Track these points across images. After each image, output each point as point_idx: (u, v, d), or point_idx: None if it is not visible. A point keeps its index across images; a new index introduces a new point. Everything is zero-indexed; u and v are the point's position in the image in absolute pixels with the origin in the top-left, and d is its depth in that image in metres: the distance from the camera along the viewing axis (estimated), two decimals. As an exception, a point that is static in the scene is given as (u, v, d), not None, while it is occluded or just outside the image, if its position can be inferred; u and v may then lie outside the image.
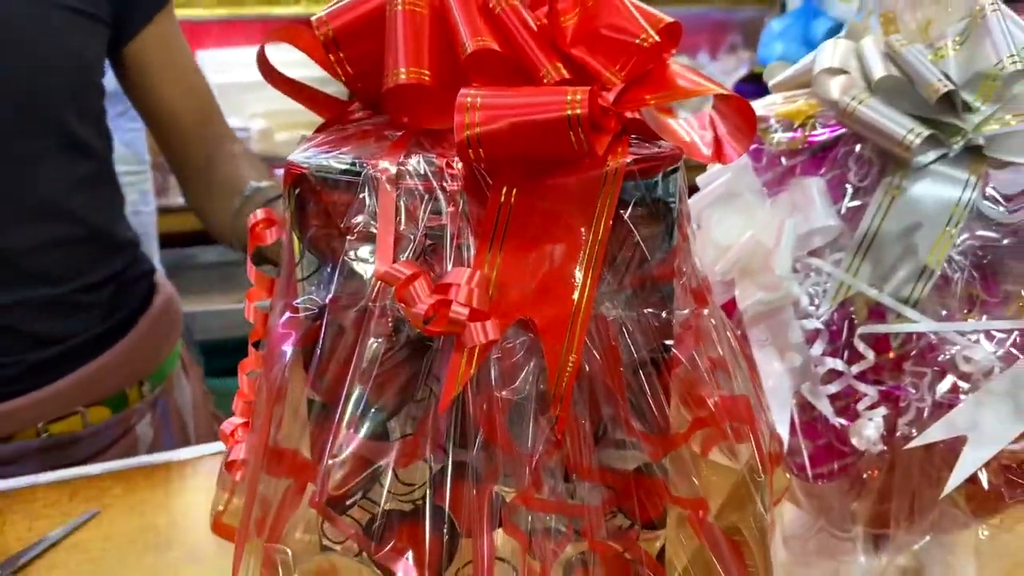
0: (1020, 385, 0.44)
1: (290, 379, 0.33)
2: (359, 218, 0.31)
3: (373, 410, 0.31)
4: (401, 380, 0.32)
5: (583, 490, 0.32)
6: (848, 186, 0.47)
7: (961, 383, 0.45)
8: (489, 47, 0.31)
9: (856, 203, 0.47)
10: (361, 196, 0.31)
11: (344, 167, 0.32)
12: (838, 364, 0.46)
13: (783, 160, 0.48)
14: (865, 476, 0.48)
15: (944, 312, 0.46)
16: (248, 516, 0.33)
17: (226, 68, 1.94)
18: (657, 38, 0.32)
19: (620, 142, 0.31)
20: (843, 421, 0.47)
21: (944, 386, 0.46)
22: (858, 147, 0.47)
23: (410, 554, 0.31)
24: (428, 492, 0.32)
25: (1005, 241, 0.46)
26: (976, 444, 0.44)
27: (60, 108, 0.75)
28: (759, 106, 0.51)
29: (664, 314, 0.32)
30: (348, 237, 0.31)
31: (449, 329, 0.29)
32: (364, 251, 0.31)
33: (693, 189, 0.50)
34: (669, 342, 0.33)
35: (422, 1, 0.33)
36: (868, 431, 0.45)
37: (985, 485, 0.45)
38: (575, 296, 0.30)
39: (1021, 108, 0.46)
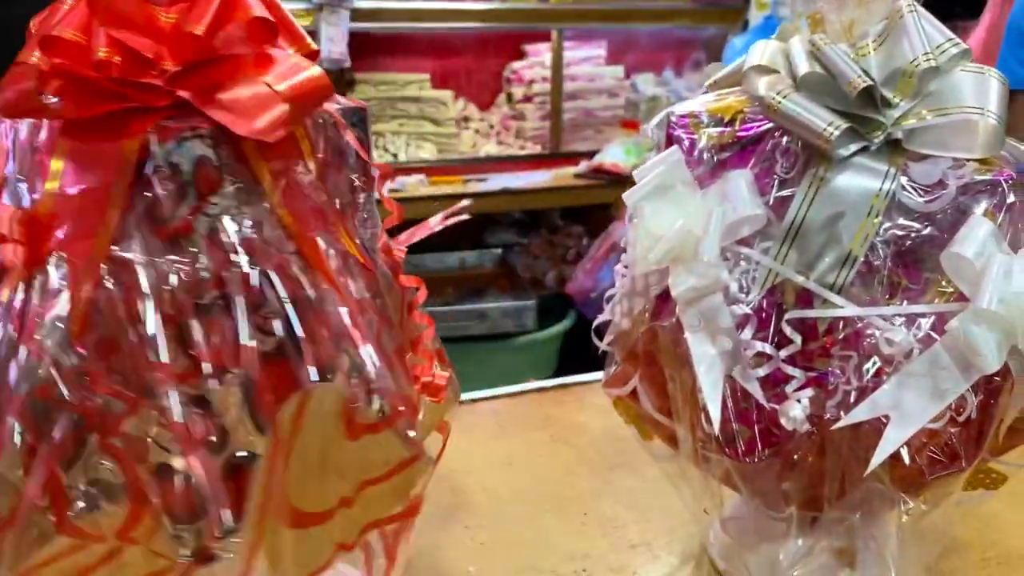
0: (938, 366, 0.46)
1: None
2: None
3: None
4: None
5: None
6: (775, 178, 0.49)
7: (884, 366, 0.47)
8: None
9: (783, 194, 0.49)
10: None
11: None
12: (767, 348, 0.48)
13: (714, 154, 0.50)
14: (796, 457, 0.50)
15: (868, 298, 0.48)
16: None
17: None
18: (200, 31, 0.38)
19: (157, 115, 0.38)
20: (774, 406, 0.49)
21: (869, 369, 0.48)
22: (784, 140, 0.49)
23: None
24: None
25: (924, 231, 0.48)
26: (898, 423, 0.46)
27: None
28: (694, 104, 0.53)
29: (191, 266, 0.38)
30: None
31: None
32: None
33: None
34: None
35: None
36: (795, 412, 0.47)
37: (907, 461, 0.47)
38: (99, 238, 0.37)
39: (937, 104, 0.48)
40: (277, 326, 0.39)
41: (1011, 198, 0.47)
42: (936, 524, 0.56)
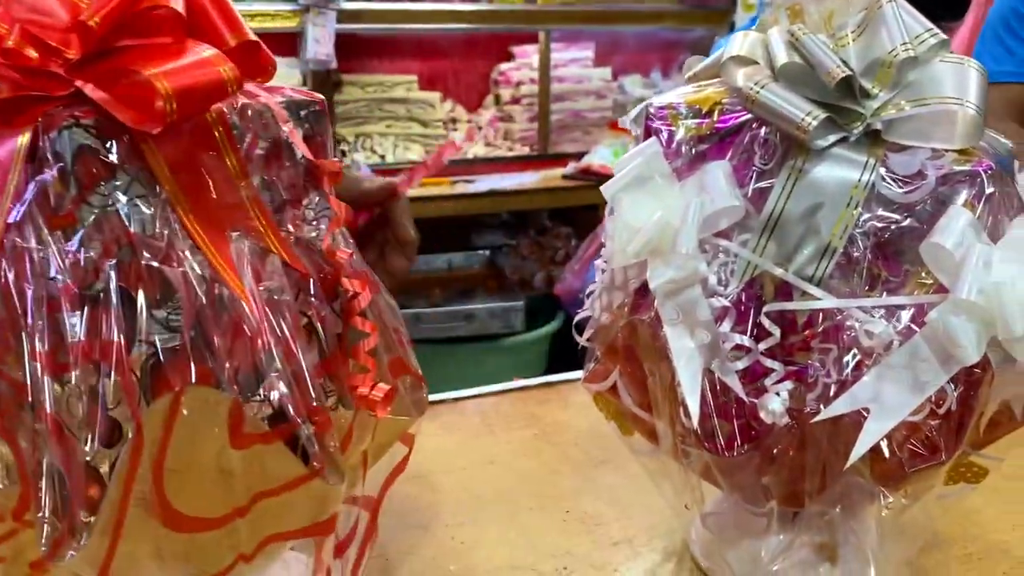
0: (918, 358, 0.45)
1: None
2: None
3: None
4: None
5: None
6: (754, 169, 0.49)
7: (864, 358, 0.47)
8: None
9: (761, 185, 0.48)
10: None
11: None
12: (745, 340, 0.47)
13: (693, 146, 0.50)
14: (775, 451, 0.49)
15: (847, 290, 0.48)
16: None
17: None
18: (95, 22, 0.38)
19: (52, 104, 0.39)
20: (753, 400, 0.48)
21: (849, 361, 0.47)
22: (763, 131, 0.49)
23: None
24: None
25: (904, 222, 0.47)
26: (878, 416, 0.45)
27: None
28: (672, 95, 0.53)
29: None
30: None
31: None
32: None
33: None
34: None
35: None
36: (774, 405, 0.46)
37: (886, 454, 0.46)
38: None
39: (916, 94, 0.48)
40: (164, 324, 0.38)
41: (990, 188, 0.46)
42: (917, 519, 0.56)
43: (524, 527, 0.67)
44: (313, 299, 0.46)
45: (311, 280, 0.46)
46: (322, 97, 0.49)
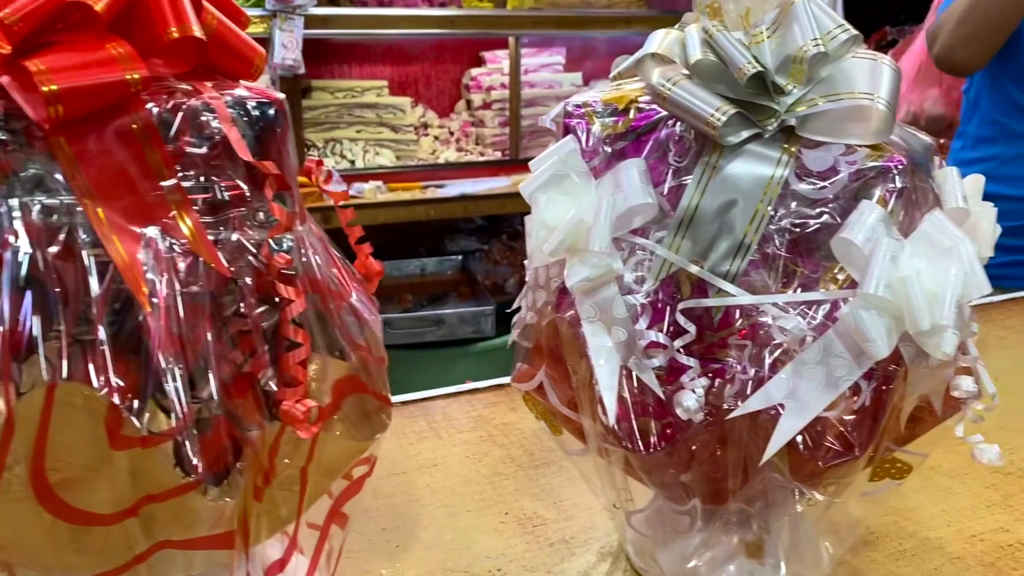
0: (831, 354, 0.45)
1: None
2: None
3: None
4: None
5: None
6: (669, 166, 0.49)
7: (780, 354, 0.47)
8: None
9: (677, 183, 0.48)
10: None
11: None
12: (660, 337, 0.47)
13: (610, 144, 0.50)
14: (694, 448, 0.49)
15: (765, 286, 0.48)
16: None
17: None
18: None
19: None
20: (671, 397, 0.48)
21: (766, 358, 0.47)
22: (678, 128, 0.49)
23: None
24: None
25: (819, 217, 0.48)
26: (792, 412, 0.45)
27: None
28: (590, 94, 0.52)
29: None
30: None
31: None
32: None
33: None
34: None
35: None
36: (689, 402, 0.46)
37: (802, 449, 0.46)
38: None
39: (829, 90, 0.48)
40: (81, 317, 0.38)
41: (902, 183, 0.46)
42: (849, 516, 0.56)
43: (460, 529, 0.67)
44: (242, 305, 0.46)
45: (239, 284, 0.45)
46: (281, 97, 0.48)
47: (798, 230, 0.47)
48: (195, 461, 0.41)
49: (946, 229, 0.45)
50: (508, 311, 0.59)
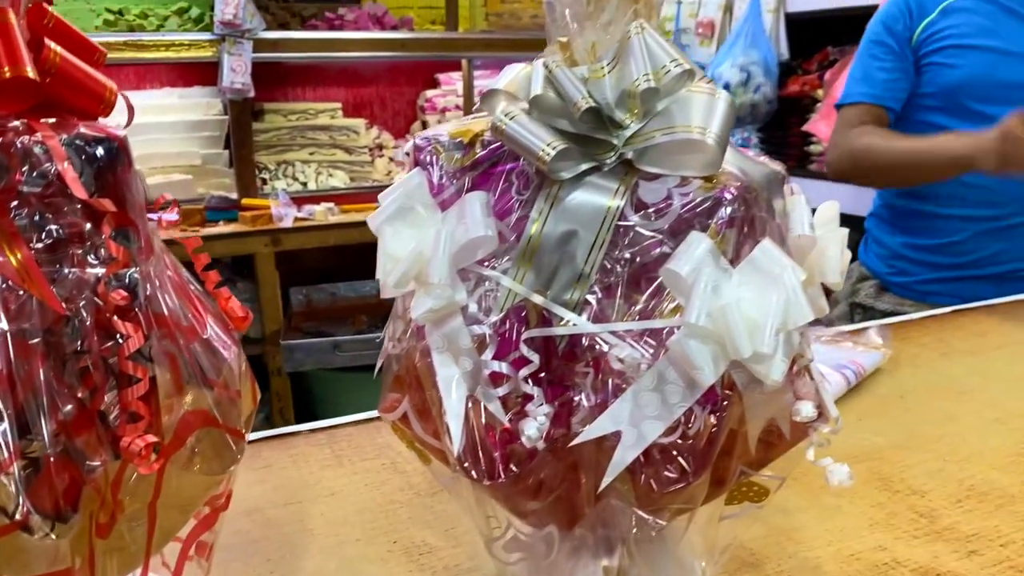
0: (665, 381, 0.46)
1: None
2: None
3: None
4: None
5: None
6: (514, 199, 0.50)
7: (619, 382, 0.47)
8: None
9: (523, 214, 0.49)
10: None
11: None
12: (503, 367, 0.48)
13: (456, 177, 0.51)
14: (542, 476, 0.50)
15: (606, 316, 0.49)
16: None
17: None
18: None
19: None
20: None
21: (609, 385, 0.48)
22: (521, 161, 0.50)
23: None
24: None
25: (657, 248, 0.49)
26: (628, 439, 0.46)
27: None
28: (438, 128, 0.53)
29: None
30: None
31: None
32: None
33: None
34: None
35: None
36: (530, 430, 0.47)
37: (641, 476, 0.47)
38: None
39: (666, 123, 0.49)
40: None
41: (733, 212, 0.48)
42: (719, 539, 0.57)
43: (346, 559, 0.67)
44: (79, 342, 0.46)
45: (76, 320, 0.46)
46: (122, 135, 0.49)
47: (637, 260, 0.48)
48: (20, 501, 0.42)
49: (774, 257, 0.46)
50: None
